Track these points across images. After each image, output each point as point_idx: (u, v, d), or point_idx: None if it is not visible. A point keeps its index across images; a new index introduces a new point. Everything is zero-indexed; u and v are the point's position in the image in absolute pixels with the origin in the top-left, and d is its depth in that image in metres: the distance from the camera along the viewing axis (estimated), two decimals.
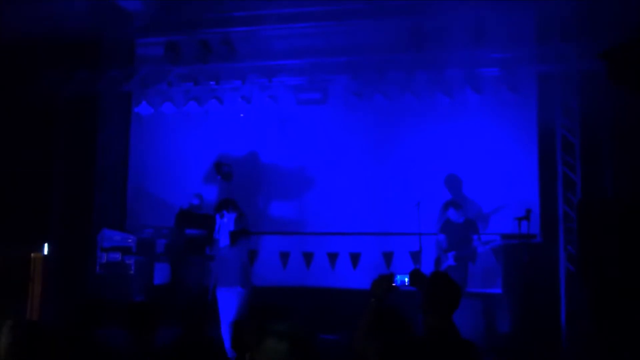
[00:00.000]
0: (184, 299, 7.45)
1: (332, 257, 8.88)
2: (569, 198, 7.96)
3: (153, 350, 4.10)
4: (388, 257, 8.65)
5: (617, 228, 5.51)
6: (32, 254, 9.02)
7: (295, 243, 9.07)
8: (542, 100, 8.38)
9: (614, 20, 6.88)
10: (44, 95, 9.09)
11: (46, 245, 9.13)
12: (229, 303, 6.74)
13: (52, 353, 3.72)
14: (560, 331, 7.51)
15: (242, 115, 9.43)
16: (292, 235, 9.13)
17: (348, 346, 3.95)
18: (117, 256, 8.78)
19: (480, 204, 8.57)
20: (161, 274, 9.14)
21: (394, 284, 3.81)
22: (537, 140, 8.43)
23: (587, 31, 7.53)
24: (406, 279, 3.86)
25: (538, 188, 8.33)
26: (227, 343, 6.28)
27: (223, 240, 7.02)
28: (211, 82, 9.28)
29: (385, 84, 8.73)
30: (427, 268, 7.73)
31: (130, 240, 8.89)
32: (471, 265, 8.09)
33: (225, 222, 7.09)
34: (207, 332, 4.41)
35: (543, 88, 8.38)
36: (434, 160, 8.75)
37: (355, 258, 8.79)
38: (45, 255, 9.08)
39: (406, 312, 4.23)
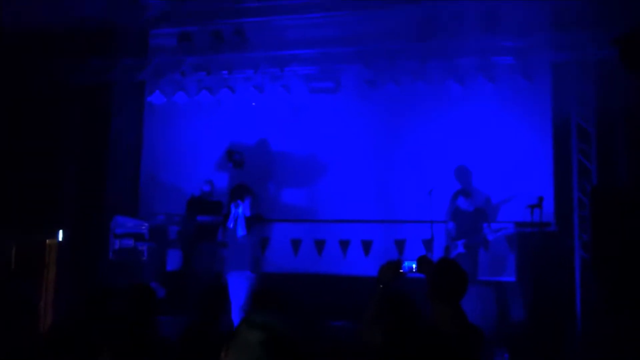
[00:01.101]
0: (197, 286, 7.50)
1: (344, 244, 8.89)
2: (584, 186, 7.90)
3: (159, 335, 4.13)
4: (400, 244, 8.65)
5: (631, 216, 5.46)
6: (47, 241, 9.14)
7: (307, 230, 9.08)
8: (557, 88, 8.28)
9: (629, 7, 6.78)
10: (58, 84, 9.17)
11: (60, 232, 9.23)
12: (239, 288, 6.79)
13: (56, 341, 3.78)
14: (574, 320, 7.47)
15: (254, 104, 9.44)
16: (304, 222, 9.13)
17: (357, 332, 3.96)
18: (130, 242, 8.85)
19: (494, 193, 8.51)
20: (174, 260, 9.22)
21: (401, 270, 3.82)
22: (551, 128, 8.33)
23: (603, 18, 7.42)
24: (414, 266, 3.87)
25: (553, 176, 8.25)
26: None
27: (240, 230, 7.04)
28: (223, 72, 9.30)
29: (398, 73, 8.69)
30: (439, 256, 7.72)
31: (142, 227, 8.95)
32: (484, 253, 8.07)
33: (241, 213, 7.13)
34: (222, 319, 4.43)
35: (558, 76, 8.28)
36: (447, 149, 8.68)
37: (367, 245, 8.80)
38: (60, 241, 9.19)
39: (415, 298, 4.25)
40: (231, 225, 7.13)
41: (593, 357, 6.07)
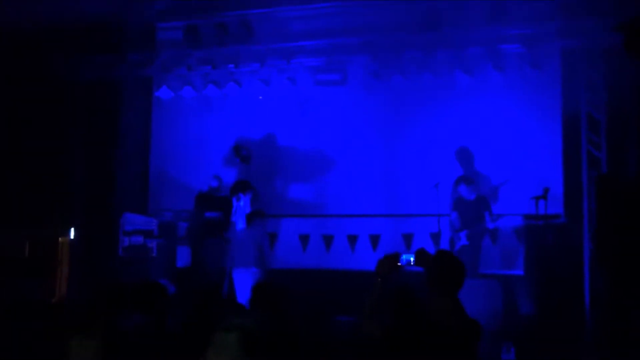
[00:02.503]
0: (202, 282, 7.49)
1: (352, 239, 8.84)
2: (593, 177, 7.75)
3: (166, 331, 4.11)
4: (408, 238, 8.57)
5: (637, 205, 5.34)
6: (60, 239, 9.20)
7: (314, 225, 9.04)
8: (566, 76, 8.14)
9: None
10: (66, 80, 9.20)
11: (72, 229, 9.29)
12: (244, 284, 6.78)
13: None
14: (583, 314, 7.35)
15: (260, 97, 9.40)
16: (312, 217, 9.10)
17: (357, 325, 3.94)
18: (139, 239, 8.86)
19: (502, 183, 8.40)
20: (184, 256, 9.21)
21: (399, 264, 3.79)
22: (561, 117, 8.20)
23: (612, 5, 7.26)
24: (412, 259, 3.82)
25: (562, 167, 8.14)
26: None
27: (240, 223, 7.04)
28: (230, 66, 9.25)
29: (405, 64, 8.59)
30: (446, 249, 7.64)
31: (152, 224, 8.96)
32: (493, 247, 7.98)
33: (242, 206, 7.12)
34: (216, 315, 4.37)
35: (567, 64, 8.14)
36: (454, 140, 8.61)
37: (375, 240, 8.73)
38: (72, 239, 9.25)
39: (414, 291, 4.20)
40: (235, 219, 7.13)
41: (602, 352, 5.96)
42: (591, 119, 7.90)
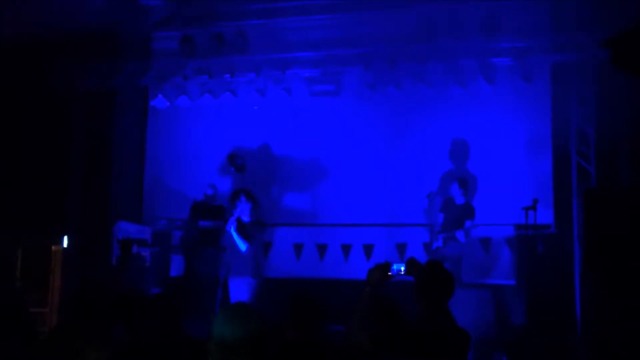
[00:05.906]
0: (194, 291, 7.52)
1: (346, 248, 8.91)
2: (582, 189, 7.84)
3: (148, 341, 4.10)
4: (401, 248, 8.65)
5: (625, 218, 5.42)
6: (53, 247, 9.20)
7: (309, 234, 9.10)
8: (557, 89, 8.27)
9: (628, 7, 6.75)
10: (62, 89, 9.24)
11: (65, 238, 9.28)
12: (239, 293, 6.82)
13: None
14: (574, 324, 7.41)
15: (256, 107, 9.47)
16: (306, 226, 9.16)
17: (345, 334, 3.96)
18: (133, 248, 8.86)
19: (493, 194, 8.49)
20: (178, 265, 9.24)
21: (389, 273, 3.84)
22: (550, 129, 8.32)
23: (602, 19, 7.38)
24: (402, 268, 3.88)
25: (552, 178, 8.23)
26: None
27: (241, 244, 7.03)
28: (226, 75, 9.31)
29: (399, 75, 8.68)
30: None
31: (145, 232, 8.98)
32: (484, 256, 8.06)
33: (237, 218, 7.14)
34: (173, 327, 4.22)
35: (557, 77, 8.27)
36: (447, 151, 8.70)
37: (368, 249, 8.80)
38: (65, 247, 9.24)
39: (403, 301, 4.24)
40: (229, 229, 7.16)
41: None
42: (581, 132, 8.00)
